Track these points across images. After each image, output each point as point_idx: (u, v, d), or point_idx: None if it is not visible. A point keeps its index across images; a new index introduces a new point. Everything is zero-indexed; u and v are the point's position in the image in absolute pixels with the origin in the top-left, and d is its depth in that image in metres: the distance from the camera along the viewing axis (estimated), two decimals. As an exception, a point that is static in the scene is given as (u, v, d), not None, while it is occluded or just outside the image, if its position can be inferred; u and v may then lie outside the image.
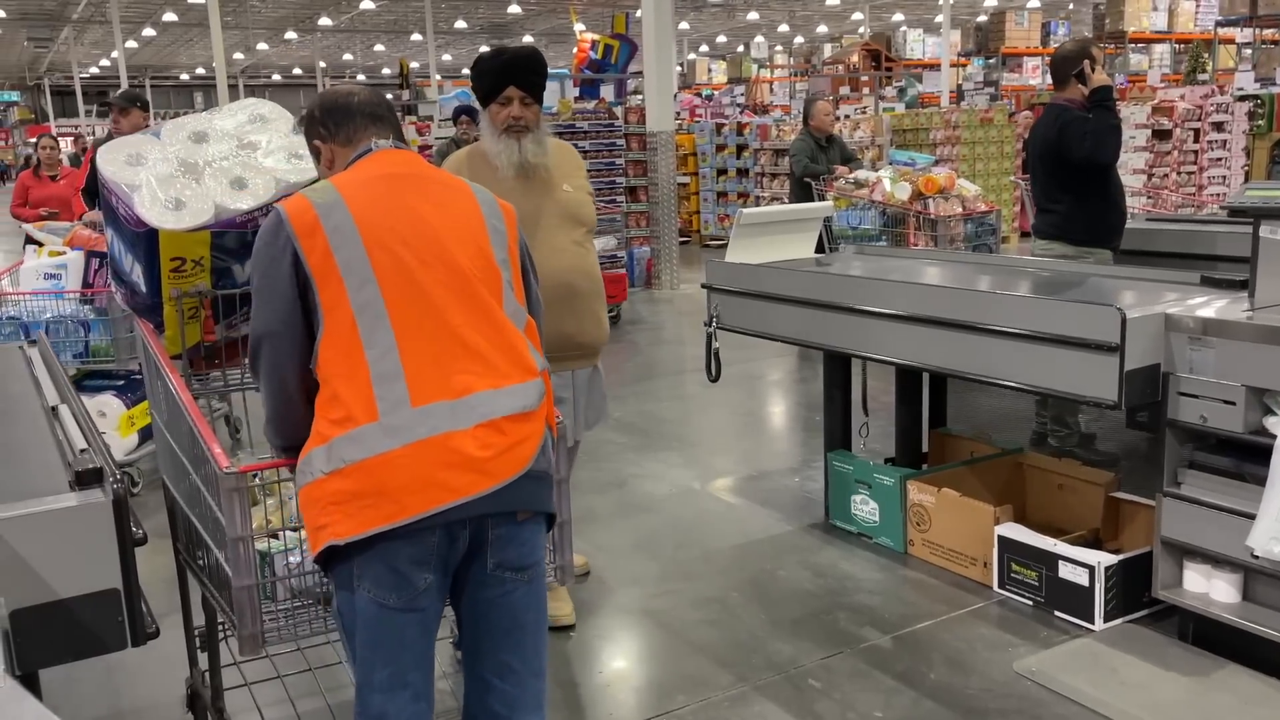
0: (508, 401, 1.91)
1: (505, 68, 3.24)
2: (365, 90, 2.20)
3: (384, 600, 1.87)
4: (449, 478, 1.83)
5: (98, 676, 3.25)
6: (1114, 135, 4.51)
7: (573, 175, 3.43)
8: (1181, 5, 19.79)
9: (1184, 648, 3.15)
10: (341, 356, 1.87)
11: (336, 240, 1.88)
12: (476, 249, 1.99)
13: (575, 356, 3.38)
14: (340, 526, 1.83)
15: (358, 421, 1.83)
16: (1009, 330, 3.24)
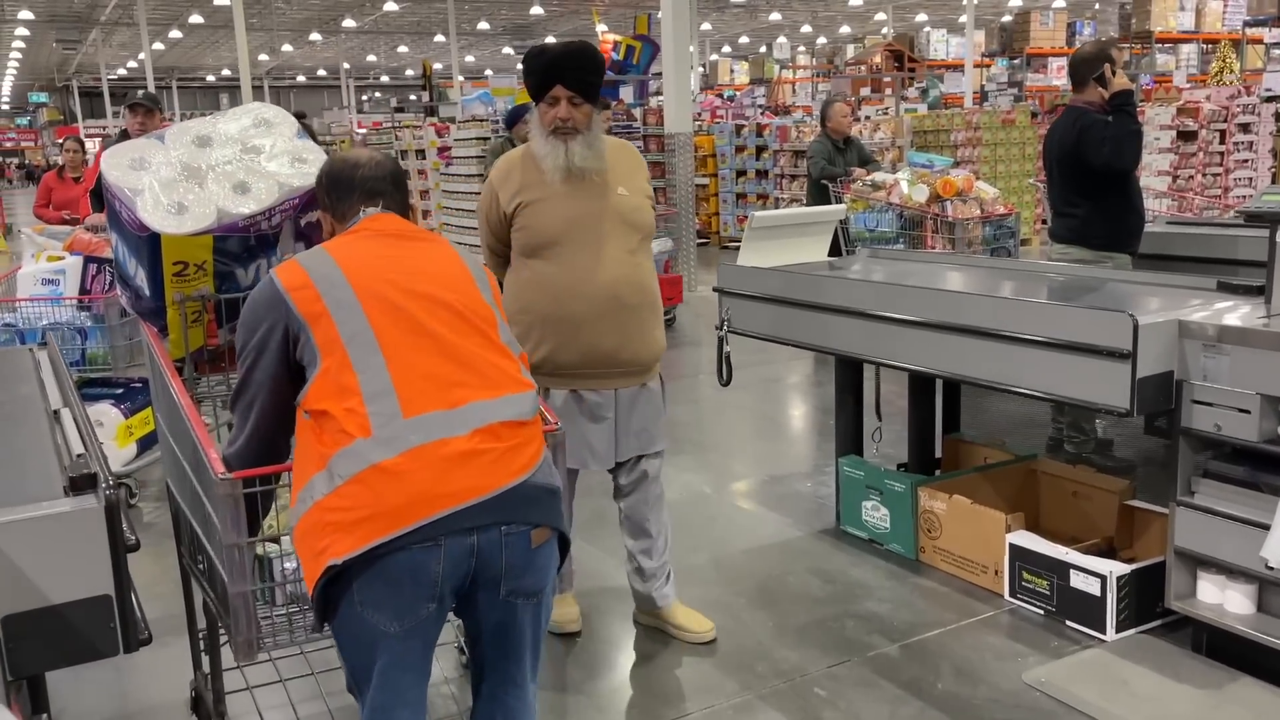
0: (503, 409, 1.92)
1: (551, 65, 3.03)
2: (372, 163, 2.21)
3: (385, 628, 1.86)
4: (446, 483, 1.82)
5: (105, 678, 3.26)
6: (1134, 141, 4.44)
7: (630, 177, 3.19)
8: (1209, 5, 19.55)
9: (1197, 659, 3.10)
10: (334, 385, 1.89)
11: (324, 286, 1.95)
12: (464, 289, 2.05)
13: (618, 374, 3.17)
14: (339, 545, 1.81)
15: (353, 437, 1.84)
16: (1019, 336, 3.20)
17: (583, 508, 4.61)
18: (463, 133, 11.34)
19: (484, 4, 27.04)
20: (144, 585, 3.77)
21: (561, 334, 3.08)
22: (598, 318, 3.06)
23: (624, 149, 3.27)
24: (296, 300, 1.94)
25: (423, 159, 12.59)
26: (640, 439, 3.25)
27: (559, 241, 3.07)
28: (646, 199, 3.23)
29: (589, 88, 3.03)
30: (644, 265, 3.18)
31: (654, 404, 3.28)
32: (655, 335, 3.23)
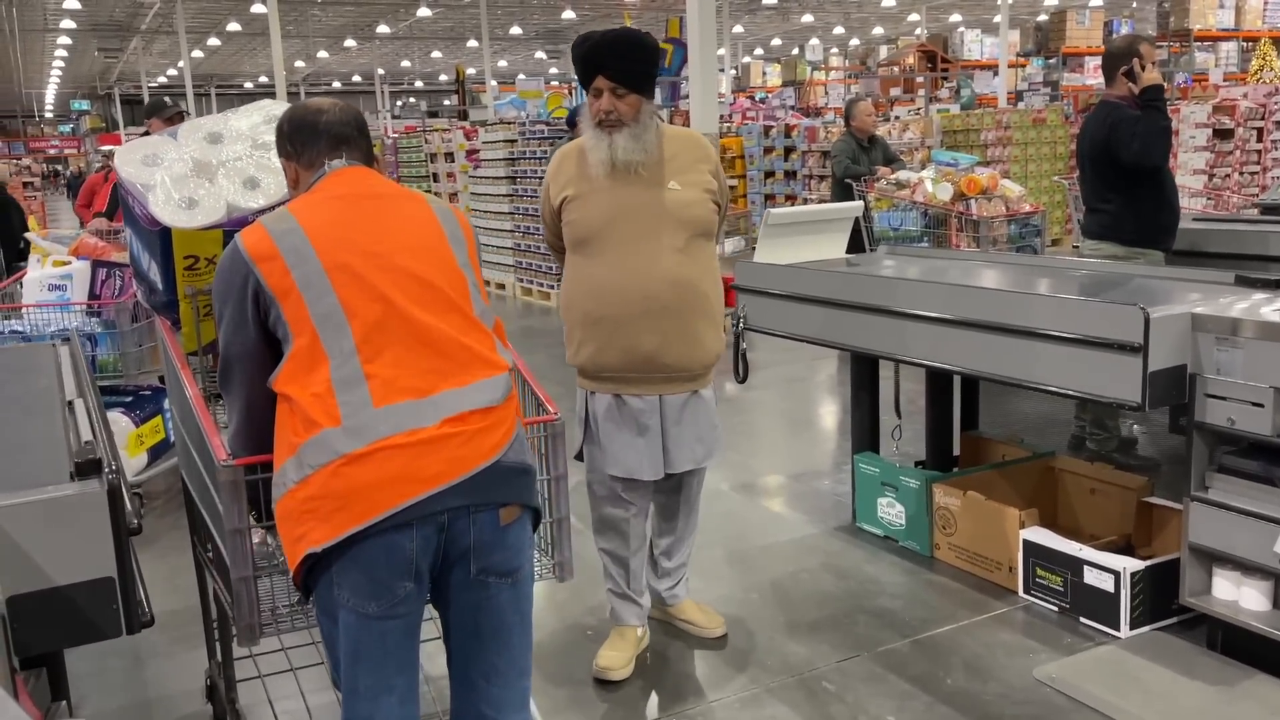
0: (474, 396, 1.91)
1: (590, 55, 2.90)
2: (336, 108, 2.14)
3: (364, 609, 1.86)
4: (417, 469, 1.82)
5: (125, 666, 3.33)
6: (1163, 136, 4.38)
7: (688, 170, 2.99)
8: (1249, 2, 19.27)
9: (1212, 656, 3.06)
10: (304, 368, 1.88)
11: (293, 259, 1.90)
12: (438, 257, 2.00)
13: (661, 380, 2.99)
14: (316, 533, 1.82)
15: (321, 426, 1.83)
16: (1031, 330, 3.19)
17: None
18: (491, 135, 11.41)
19: (516, 9, 27.20)
20: (165, 576, 3.87)
21: (601, 334, 2.97)
22: (637, 317, 2.92)
23: (688, 141, 3.09)
24: (264, 273, 1.90)
25: (451, 162, 12.69)
26: (695, 451, 3.08)
27: (601, 237, 2.95)
28: (706, 193, 3.01)
29: (634, 77, 2.88)
30: (695, 264, 2.98)
31: (706, 413, 3.10)
32: (706, 339, 3.02)
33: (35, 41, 28.71)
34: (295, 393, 1.87)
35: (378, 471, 1.81)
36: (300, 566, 1.85)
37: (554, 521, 2.47)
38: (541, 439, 2.44)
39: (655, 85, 2.97)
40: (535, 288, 10.63)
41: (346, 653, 1.90)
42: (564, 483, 2.43)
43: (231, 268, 1.94)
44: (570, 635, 3.47)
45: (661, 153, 2.96)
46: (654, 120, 2.95)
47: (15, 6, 22.74)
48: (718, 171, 3.09)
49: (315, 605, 1.94)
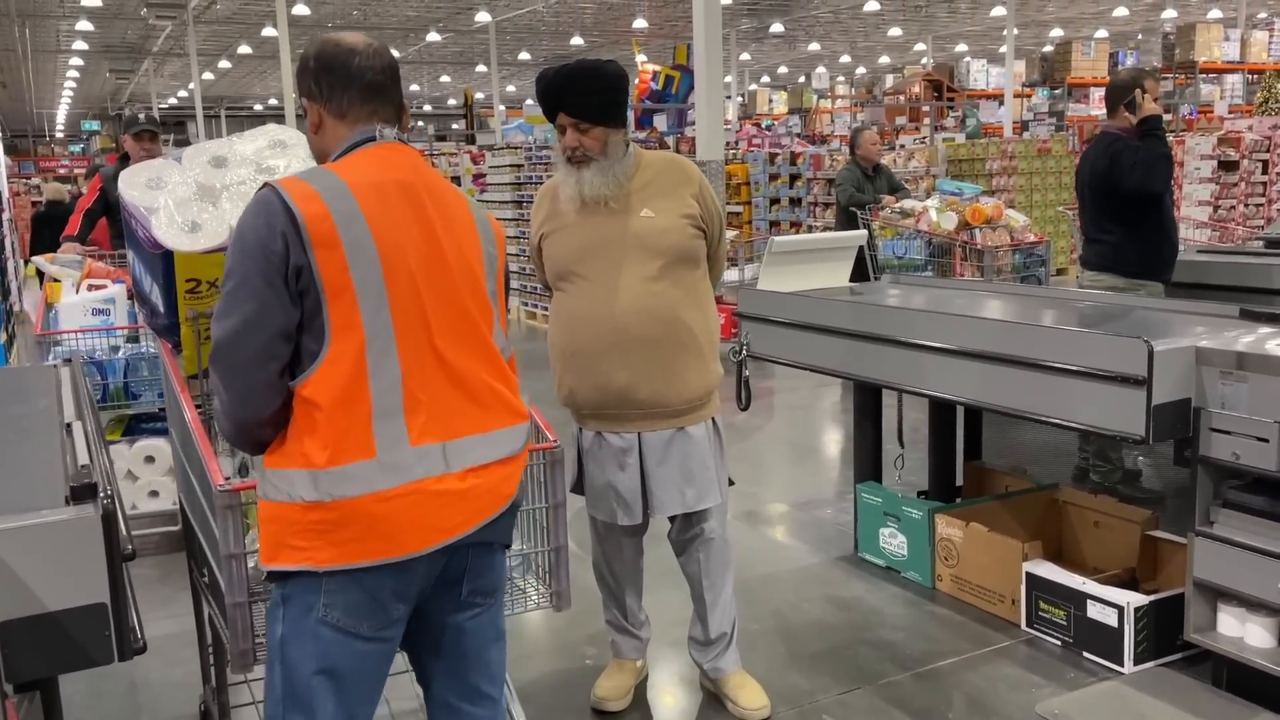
0: (496, 446, 1.89)
1: (548, 91, 2.82)
2: (370, 50, 1.90)
3: (354, 628, 1.81)
4: (442, 518, 1.81)
5: (120, 690, 3.31)
6: (1164, 163, 4.40)
7: (664, 196, 2.86)
8: (1254, 35, 19.36)
9: (1216, 694, 3.03)
10: (344, 382, 1.75)
11: (355, 257, 1.74)
12: (475, 280, 1.91)
13: (638, 416, 2.87)
14: (322, 554, 1.77)
15: (353, 456, 1.75)
16: (1035, 361, 3.17)
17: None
18: (498, 159, 11.46)
19: (525, 35, 27.38)
20: (162, 601, 3.85)
21: (576, 369, 2.90)
22: (606, 351, 2.83)
23: (667, 165, 2.95)
24: (320, 261, 1.71)
25: (458, 185, 12.74)
26: (684, 495, 2.90)
27: (574, 271, 2.89)
28: (684, 218, 2.86)
29: (595, 110, 2.78)
30: (669, 294, 2.83)
31: (697, 453, 2.90)
32: (686, 373, 2.86)
33: (47, 62, 28.94)
34: (327, 410, 1.74)
35: (406, 515, 1.78)
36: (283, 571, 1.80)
37: (552, 550, 2.45)
38: (541, 466, 2.43)
39: (623, 113, 2.86)
40: (539, 311, 10.64)
41: (315, 672, 1.82)
42: (562, 511, 2.42)
43: (270, 228, 1.72)
44: (569, 664, 3.44)
45: (637, 181, 2.86)
46: (625, 150, 2.85)
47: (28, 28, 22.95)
48: (702, 195, 2.92)
49: (282, 607, 1.83)
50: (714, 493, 2.96)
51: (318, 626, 1.81)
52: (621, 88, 2.85)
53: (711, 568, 3.04)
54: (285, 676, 1.85)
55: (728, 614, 3.09)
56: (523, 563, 2.60)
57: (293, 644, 1.83)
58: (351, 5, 22.40)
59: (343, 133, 1.91)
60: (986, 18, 24.62)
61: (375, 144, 1.89)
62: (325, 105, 1.91)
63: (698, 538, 3.02)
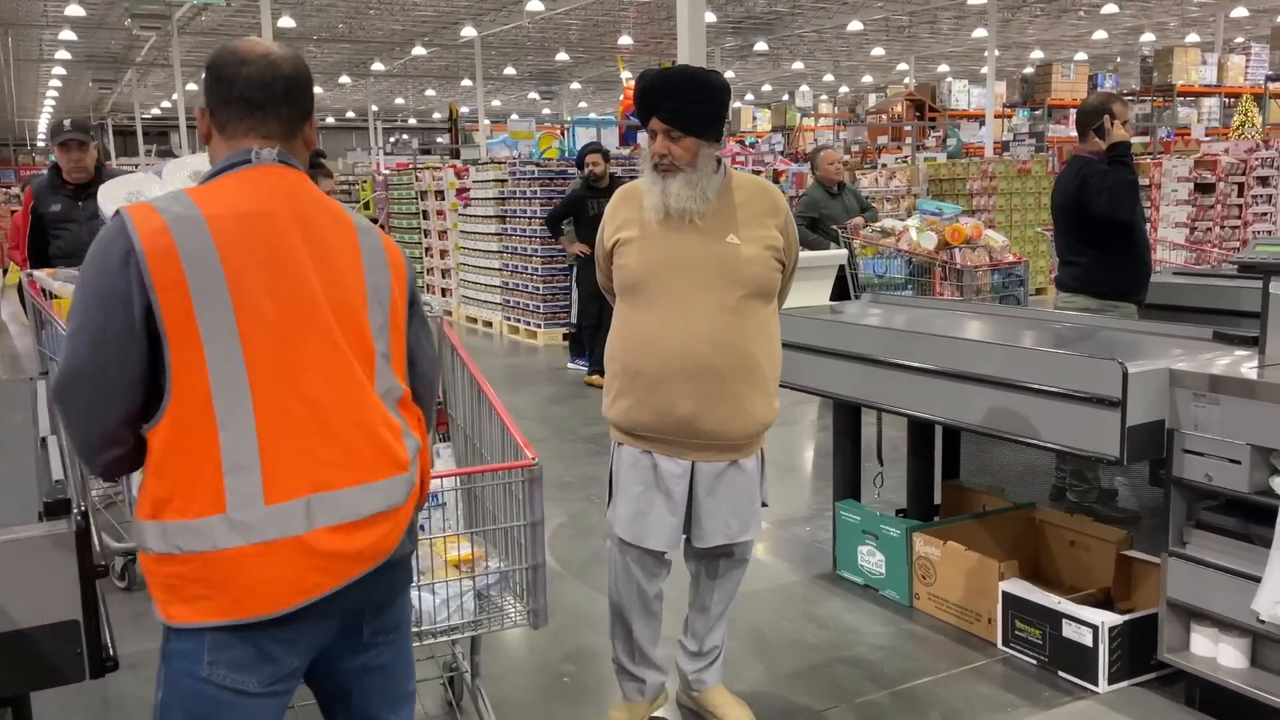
0: (370, 500, 1.70)
1: (646, 93, 2.71)
2: (265, 60, 1.74)
3: (241, 685, 1.66)
4: (300, 578, 1.64)
5: (93, 704, 3.28)
6: (1129, 190, 4.46)
7: (752, 223, 2.75)
8: (1231, 59, 19.63)
9: (1189, 713, 3.05)
10: (189, 433, 1.61)
11: (201, 299, 1.59)
12: (353, 317, 1.73)
13: (698, 446, 2.75)
14: (176, 610, 1.65)
15: (200, 512, 1.61)
16: (1011, 382, 3.20)
17: (579, 548, 4.63)
18: (482, 174, 11.47)
19: (511, 50, 27.46)
20: (136, 616, 3.81)
21: (637, 390, 2.75)
22: (674, 378, 2.69)
23: (757, 190, 2.84)
24: (164, 303, 1.58)
25: (442, 199, 12.74)
26: (729, 526, 2.82)
27: (648, 286, 2.74)
28: (768, 250, 2.76)
29: (690, 119, 2.67)
30: (746, 325, 2.73)
31: (747, 486, 2.84)
32: (751, 407, 2.76)
33: (30, 71, 28.82)
34: (174, 460, 1.62)
35: (256, 575, 1.62)
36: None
37: (530, 568, 2.46)
38: (519, 484, 2.44)
39: (720, 128, 2.74)
40: (522, 326, 10.64)
41: None
42: (540, 528, 2.42)
43: (118, 262, 1.59)
44: (547, 681, 3.43)
45: (725, 202, 2.74)
46: (715, 166, 2.74)
47: (11, 36, 22.85)
48: (787, 227, 2.82)
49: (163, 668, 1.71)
50: (756, 524, 2.90)
51: (201, 686, 1.66)
52: (722, 100, 2.73)
53: (730, 586, 3.00)
54: None
55: (725, 631, 3.07)
56: (501, 580, 2.61)
57: (174, 708, 1.70)
58: (337, 18, 22.42)
59: (222, 149, 1.76)
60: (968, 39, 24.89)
61: (249, 167, 1.73)
62: (211, 115, 1.77)
63: (727, 558, 2.95)
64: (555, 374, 8.83)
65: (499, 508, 2.57)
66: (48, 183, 5.21)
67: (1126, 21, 23.76)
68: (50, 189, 5.15)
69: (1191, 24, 24.19)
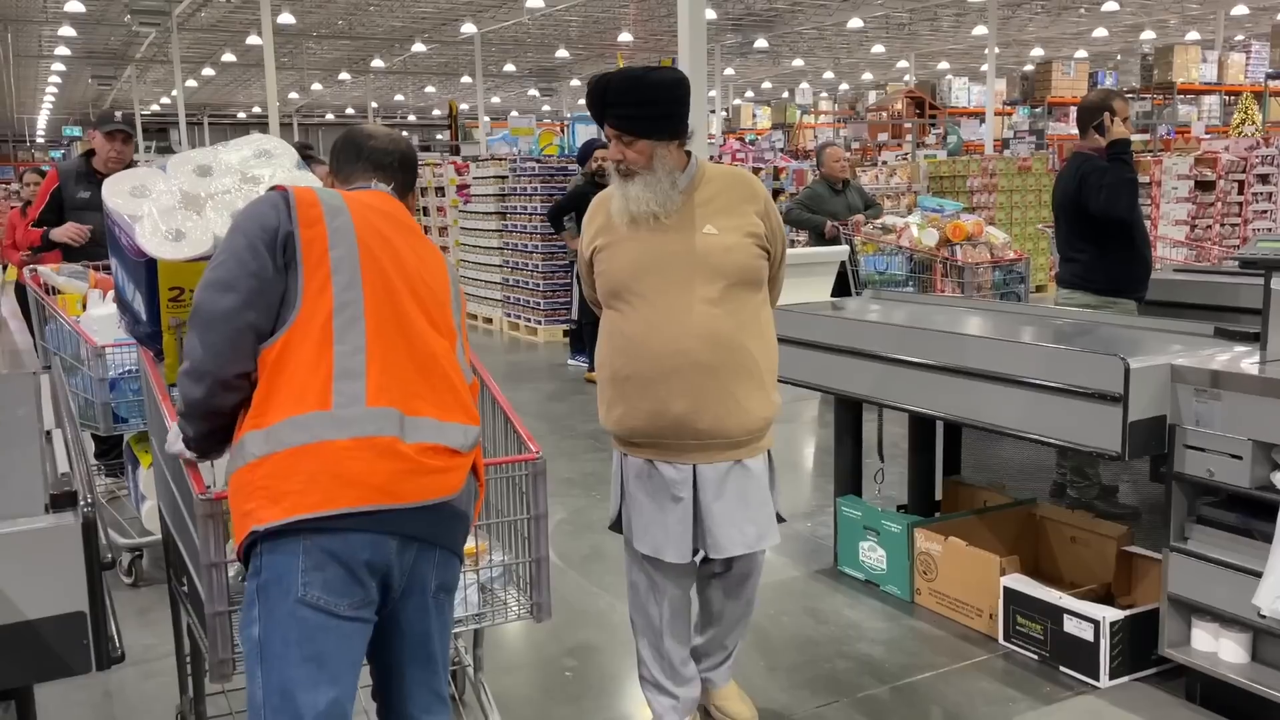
0: (449, 435, 1.94)
1: (594, 100, 2.70)
2: (386, 138, 2.24)
3: (333, 608, 1.81)
4: (385, 480, 1.83)
5: (95, 699, 3.28)
6: (1128, 188, 4.46)
7: (729, 212, 2.69)
8: (1231, 57, 19.63)
9: (1191, 708, 3.06)
10: (307, 344, 1.87)
11: (335, 238, 1.93)
12: (441, 299, 2.07)
13: (696, 447, 2.68)
14: (265, 511, 1.80)
15: (308, 407, 1.83)
16: (1012, 378, 3.21)
17: (581, 543, 4.64)
18: (482, 171, 11.47)
19: (511, 46, 27.45)
20: (140, 610, 3.83)
21: (629, 395, 2.71)
22: (665, 377, 2.64)
23: (732, 179, 2.78)
24: (304, 238, 1.91)
25: (442, 196, 12.74)
26: (745, 533, 2.71)
27: (628, 289, 2.71)
28: (748, 237, 2.69)
29: (638, 123, 2.64)
30: (734, 316, 2.66)
31: (755, 487, 2.73)
32: (747, 402, 2.68)
33: (29, 67, 28.79)
34: (290, 370, 1.86)
35: (348, 467, 1.81)
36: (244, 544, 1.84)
37: (533, 561, 2.47)
38: (523, 477, 2.44)
39: (675, 125, 2.68)
40: (523, 323, 10.64)
41: (303, 659, 1.81)
42: (543, 522, 2.43)
43: (272, 209, 1.95)
44: (549, 676, 3.44)
45: (700, 196, 2.70)
46: (685, 163, 2.71)
47: (10, 32, 22.82)
48: (767, 213, 2.76)
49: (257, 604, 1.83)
50: (774, 530, 2.78)
51: (298, 608, 1.80)
52: (673, 98, 2.67)
53: (741, 595, 2.91)
54: (267, 677, 1.81)
55: (740, 635, 2.99)
56: (504, 574, 2.61)
57: (274, 639, 1.81)
58: (336, 15, 22.40)
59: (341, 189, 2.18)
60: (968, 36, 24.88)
61: (366, 190, 2.15)
62: (335, 175, 2.24)
63: (741, 567, 2.85)
64: (555, 371, 8.84)
65: (502, 501, 2.57)
66: (78, 168, 5.16)
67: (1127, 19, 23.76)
68: (81, 175, 5.12)
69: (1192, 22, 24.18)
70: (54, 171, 5.36)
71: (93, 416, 3.90)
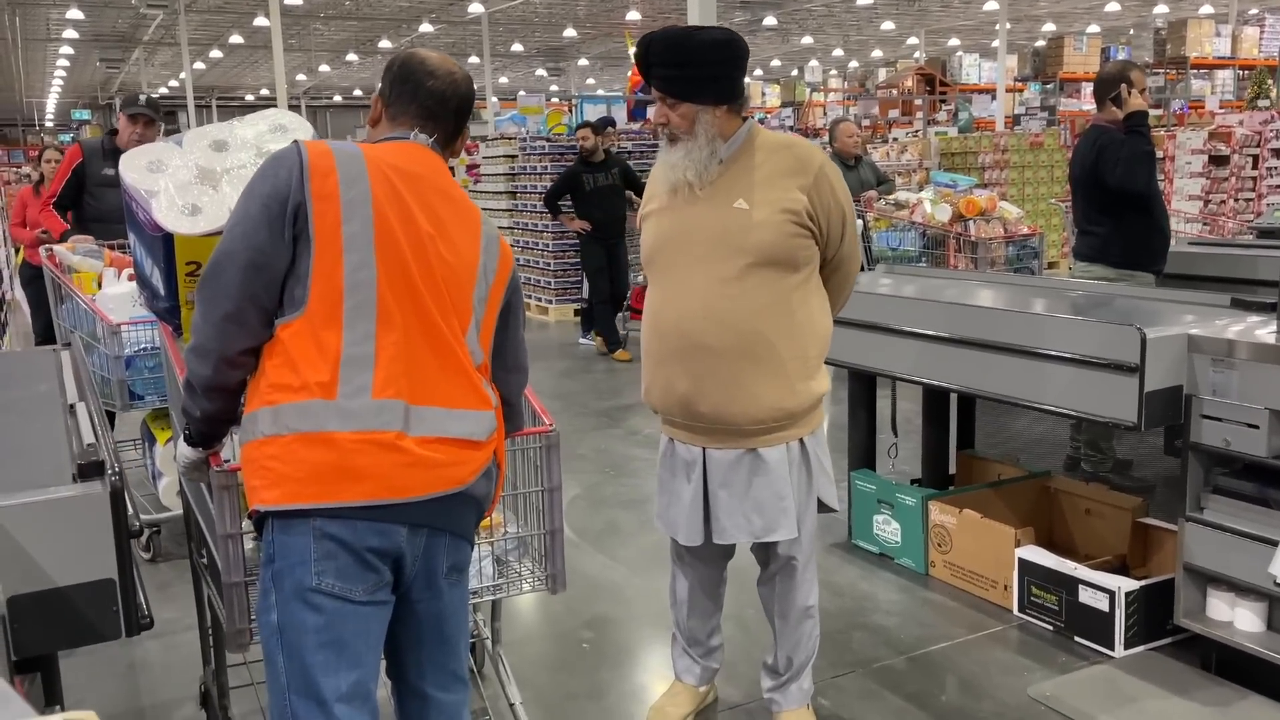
0: (459, 425, 1.89)
1: (640, 59, 2.56)
2: (446, 79, 2.03)
3: (348, 594, 1.81)
4: (390, 474, 1.81)
5: (119, 672, 3.32)
6: (1145, 161, 4.43)
7: (767, 185, 2.52)
8: (1245, 31, 19.43)
9: (1206, 677, 3.07)
10: (317, 326, 1.81)
11: (350, 214, 1.83)
12: (460, 280, 1.95)
13: (703, 430, 2.61)
14: (267, 493, 1.80)
15: (314, 394, 1.79)
16: (1029, 349, 3.21)
17: (595, 519, 4.66)
18: (491, 150, 11.46)
19: (518, 26, 27.33)
20: (160, 585, 3.87)
21: (649, 370, 2.69)
22: (671, 356, 2.59)
23: (781, 150, 2.59)
24: (316, 211, 1.81)
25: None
26: (752, 523, 2.61)
27: (653, 262, 2.66)
28: (785, 213, 2.50)
29: (681, 84, 2.50)
30: (751, 298, 2.51)
31: (769, 480, 2.59)
32: (756, 390, 2.53)
33: (37, 51, 28.79)
34: (297, 347, 1.81)
35: (349, 462, 1.79)
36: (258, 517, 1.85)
37: (548, 533, 2.49)
38: (537, 450, 2.46)
39: (723, 89, 2.53)
40: (534, 302, 10.65)
41: (321, 645, 1.81)
42: (558, 494, 2.45)
43: (284, 174, 1.84)
44: (565, 648, 3.47)
45: (741, 165, 2.55)
46: (717, 132, 2.53)
47: (18, 16, 22.82)
48: (816, 188, 2.53)
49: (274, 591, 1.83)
50: (786, 525, 2.62)
51: (313, 596, 1.80)
52: (718, 59, 2.51)
53: (785, 598, 2.79)
54: (289, 662, 1.82)
55: (798, 648, 2.84)
56: (519, 546, 2.63)
57: (292, 626, 1.82)
58: (344, -5, 22.35)
59: (385, 131, 2.04)
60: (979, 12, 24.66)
61: (405, 141, 1.99)
62: (386, 104, 2.06)
63: (774, 563, 2.78)
64: (567, 349, 8.85)
65: (516, 474, 2.59)
66: (102, 146, 5.24)
67: (1139, -7, 23.54)
68: (105, 153, 5.21)
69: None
70: (77, 147, 5.40)
71: (109, 394, 3.93)
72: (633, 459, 5.53)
